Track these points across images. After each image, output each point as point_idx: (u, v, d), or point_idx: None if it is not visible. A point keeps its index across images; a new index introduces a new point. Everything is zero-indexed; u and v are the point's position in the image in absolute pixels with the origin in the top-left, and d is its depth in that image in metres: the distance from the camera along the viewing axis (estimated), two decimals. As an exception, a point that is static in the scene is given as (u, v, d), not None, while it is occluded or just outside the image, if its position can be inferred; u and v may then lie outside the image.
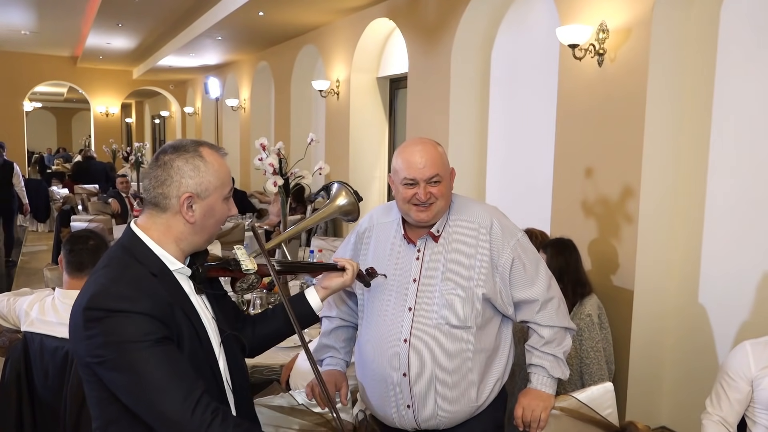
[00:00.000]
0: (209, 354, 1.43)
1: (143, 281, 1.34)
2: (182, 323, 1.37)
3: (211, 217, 1.43)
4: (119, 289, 1.30)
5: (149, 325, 1.28)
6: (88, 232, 2.60)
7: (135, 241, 1.41)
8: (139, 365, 1.25)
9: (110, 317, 1.27)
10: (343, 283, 1.71)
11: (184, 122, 15.93)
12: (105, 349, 1.27)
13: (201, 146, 1.43)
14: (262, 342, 1.69)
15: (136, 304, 1.28)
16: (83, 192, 9.79)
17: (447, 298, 1.81)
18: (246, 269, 1.51)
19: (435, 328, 1.81)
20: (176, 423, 1.25)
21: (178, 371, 1.28)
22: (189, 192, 1.39)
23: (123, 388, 1.29)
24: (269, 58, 9.47)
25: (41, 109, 23.12)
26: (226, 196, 1.45)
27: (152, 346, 1.27)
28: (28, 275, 7.39)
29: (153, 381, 1.25)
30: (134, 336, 1.26)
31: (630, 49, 3.42)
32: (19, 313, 2.47)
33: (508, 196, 4.98)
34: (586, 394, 2.01)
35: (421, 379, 1.81)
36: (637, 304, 3.44)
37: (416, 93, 5.62)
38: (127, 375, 1.26)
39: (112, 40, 10.85)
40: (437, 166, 1.82)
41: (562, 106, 3.94)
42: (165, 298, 1.34)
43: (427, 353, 1.80)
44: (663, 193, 3.46)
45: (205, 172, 1.40)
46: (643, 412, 3.51)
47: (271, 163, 3.38)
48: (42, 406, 2.36)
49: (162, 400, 1.25)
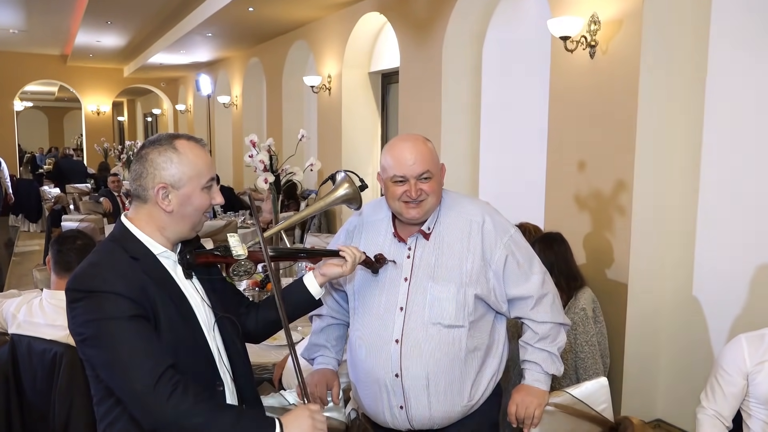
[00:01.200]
0: (198, 334, 1.48)
1: (121, 264, 1.41)
2: (160, 304, 1.42)
3: (189, 206, 1.47)
4: (96, 271, 1.39)
5: (123, 303, 1.35)
6: (75, 232, 2.57)
7: (123, 230, 1.49)
8: (112, 340, 1.32)
9: (88, 297, 1.36)
10: (341, 273, 1.69)
11: (176, 120, 15.84)
12: (84, 327, 1.36)
13: (177, 139, 1.48)
14: (266, 327, 1.72)
15: (111, 284, 1.36)
16: (75, 191, 9.73)
17: (439, 297, 1.78)
18: (237, 255, 1.53)
19: (427, 328, 1.78)
20: (139, 396, 1.30)
21: (146, 348, 1.33)
22: (162, 183, 1.45)
23: (99, 364, 1.36)
24: (260, 54, 9.42)
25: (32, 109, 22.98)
26: (204, 186, 1.49)
27: (125, 322, 1.34)
28: (20, 276, 7.34)
29: (122, 354, 1.32)
30: (108, 313, 1.34)
31: (622, 41, 3.40)
32: (6, 315, 2.44)
33: (501, 190, 4.97)
34: (581, 389, 1.99)
35: (413, 380, 1.78)
36: (632, 298, 3.43)
37: (408, 88, 5.59)
38: (101, 350, 1.34)
39: (101, 38, 10.77)
40: (427, 163, 1.79)
41: (554, 98, 3.91)
42: (141, 279, 1.41)
43: (419, 354, 1.77)
44: (656, 186, 3.44)
45: (178, 163, 1.45)
46: (638, 406, 3.50)
47: (261, 160, 3.35)
48: (31, 408, 2.33)
49: (129, 373, 1.31)
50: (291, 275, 4.03)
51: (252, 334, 1.72)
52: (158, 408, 1.29)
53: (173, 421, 1.29)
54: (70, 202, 9.04)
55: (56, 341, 2.26)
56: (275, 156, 3.45)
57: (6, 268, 7.86)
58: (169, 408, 1.29)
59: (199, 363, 1.47)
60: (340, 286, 1.97)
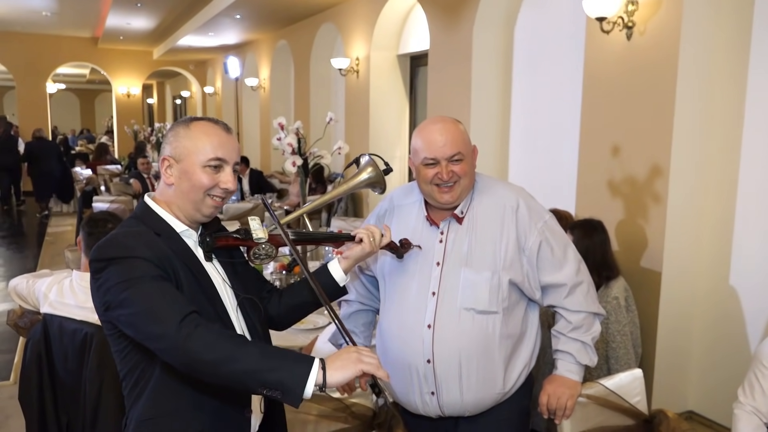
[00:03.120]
0: (222, 314, 1.48)
1: (144, 236, 1.43)
2: (182, 276, 1.43)
3: (186, 181, 1.47)
4: (119, 240, 1.40)
5: (147, 266, 1.36)
6: (106, 215, 2.57)
7: (145, 208, 1.51)
8: (139, 296, 1.32)
9: (112, 264, 1.36)
10: (362, 250, 1.64)
11: (204, 103, 15.94)
12: (111, 293, 1.35)
13: (196, 119, 1.51)
14: (289, 312, 1.69)
15: (135, 250, 1.37)
16: (106, 173, 9.88)
17: (472, 282, 1.74)
18: (257, 238, 1.53)
19: (460, 314, 1.75)
20: (165, 335, 1.28)
21: (171, 298, 1.33)
22: (165, 155, 1.49)
23: (126, 322, 1.35)
24: (288, 36, 9.38)
25: (65, 91, 23.33)
26: (204, 164, 1.46)
27: (151, 280, 1.34)
28: (53, 255, 7.49)
29: (150, 307, 1.31)
30: (133, 274, 1.34)
31: (660, 22, 3.29)
32: (38, 295, 2.47)
33: (531, 175, 4.88)
34: (614, 381, 1.95)
35: (445, 365, 1.75)
36: (665, 287, 3.35)
37: (437, 70, 5.51)
38: (127, 309, 1.33)
39: (131, 20, 10.84)
40: (458, 144, 1.75)
41: (588, 82, 3.81)
42: (165, 250, 1.42)
43: (451, 339, 1.74)
44: (693, 171, 3.34)
45: (183, 137, 1.47)
46: (670, 397, 3.44)
47: (289, 143, 3.33)
48: (62, 387, 2.36)
49: (154, 320, 1.30)
50: (318, 258, 4.03)
51: (275, 320, 1.69)
52: (183, 345, 1.26)
53: (200, 352, 1.26)
54: (101, 183, 9.18)
55: (87, 322, 2.28)
56: (303, 139, 3.43)
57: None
58: (193, 342, 1.26)
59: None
60: (370, 271, 1.94)
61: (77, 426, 2.31)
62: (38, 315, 2.48)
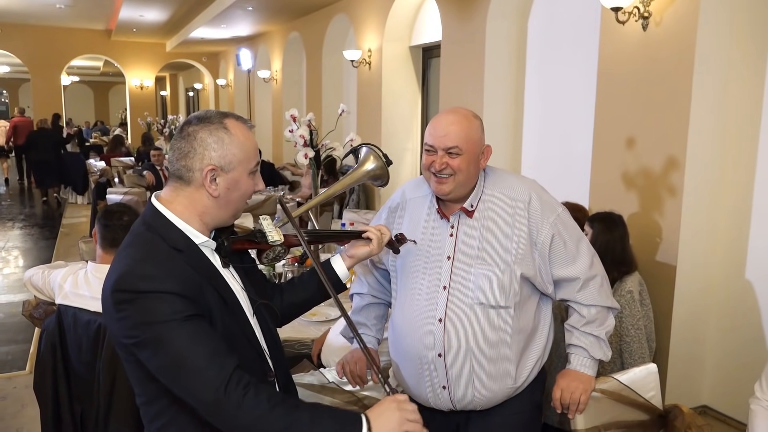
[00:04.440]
0: (244, 325, 1.42)
1: (169, 260, 1.32)
2: (211, 299, 1.35)
3: (236, 191, 1.38)
4: (144, 269, 1.28)
5: (177, 303, 1.26)
6: (122, 207, 2.57)
7: (157, 216, 1.38)
8: (170, 344, 1.24)
9: (139, 298, 1.26)
10: (369, 253, 1.64)
11: (217, 94, 15.98)
12: (137, 330, 1.26)
13: (226, 118, 1.38)
14: (290, 310, 1.67)
15: (163, 283, 1.27)
16: (119, 165, 9.93)
17: (483, 276, 1.73)
18: (272, 241, 1.48)
19: (471, 308, 1.73)
20: (210, 402, 1.23)
21: (209, 348, 1.26)
22: (212, 165, 1.34)
23: (157, 367, 1.28)
24: (300, 28, 9.37)
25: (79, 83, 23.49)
26: (251, 170, 1.40)
27: (182, 323, 1.25)
28: (68, 247, 7.55)
29: (184, 360, 1.24)
30: (163, 315, 1.25)
31: (677, 12, 3.24)
32: (53, 285, 2.49)
33: (544, 167, 4.85)
34: (629, 375, 1.93)
35: (457, 360, 1.74)
36: (680, 280, 3.31)
37: (450, 62, 5.48)
38: (159, 355, 1.26)
39: (144, 13, 10.87)
40: (459, 138, 1.72)
41: (603, 73, 3.77)
42: (192, 275, 1.32)
43: (463, 334, 1.73)
44: (709, 163, 3.30)
45: (230, 144, 1.35)
46: (684, 391, 3.41)
47: (301, 134, 3.32)
48: (76, 377, 2.38)
49: (195, 378, 1.23)
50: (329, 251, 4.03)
51: (278, 317, 1.65)
52: (233, 415, 1.22)
53: (250, 427, 1.23)
54: (114, 175, 9.23)
55: (101, 313, 2.28)
56: (315, 131, 3.42)
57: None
58: (244, 414, 1.22)
59: (249, 354, 1.40)
60: (382, 265, 1.94)
61: (91, 416, 2.32)
62: (53, 306, 2.50)
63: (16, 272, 6.59)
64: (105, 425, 2.27)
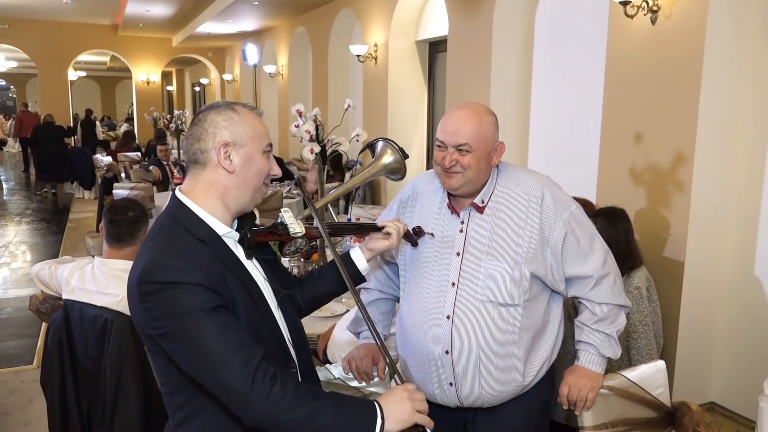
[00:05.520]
0: (268, 316, 1.44)
1: (193, 251, 1.33)
2: (236, 290, 1.36)
3: (252, 167, 1.40)
4: (169, 261, 1.30)
5: (203, 294, 1.28)
6: (128, 203, 2.57)
7: (181, 208, 1.40)
8: (197, 336, 1.26)
9: (164, 289, 1.28)
10: (389, 246, 1.66)
11: (223, 89, 15.98)
12: (163, 321, 1.28)
13: (234, 103, 1.44)
14: (310, 303, 1.69)
15: (188, 275, 1.28)
16: (126, 160, 9.95)
17: (492, 273, 1.71)
18: (294, 232, 1.49)
19: (480, 306, 1.71)
20: (237, 393, 1.25)
21: (235, 339, 1.27)
22: (224, 140, 1.38)
23: (184, 359, 1.30)
24: (306, 23, 9.35)
25: (86, 78, 23.57)
26: (264, 150, 1.43)
27: (208, 315, 1.27)
28: (75, 241, 7.58)
29: (211, 351, 1.25)
30: (189, 306, 1.26)
31: (686, 6, 3.20)
32: (60, 281, 2.49)
33: (551, 162, 4.82)
34: (637, 372, 1.91)
35: (464, 357, 1.73)
36: (688, 277, 3.29)
37: (456, 56, 5.45)
38: (186, 346, 1.28)
39: (150, 8, 10.87)
40: (468, 135, 1.70)
41: (611, 68, 3.74)
42: (216, 267, 1.34)
43: (470, 331, 1.71)
44: (718, 159, 3.27)
45: (239, 122, 1.40)
46: (691, 388, 3.39)
47: (307, 129, 3.31)
48: (83, 372, 2.38)
49: (221, 370, 1.25)
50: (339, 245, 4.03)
51: (302, 309, 1.67)
52: (259, 405, 1.24)
53: (275, 417, 1.25)
54: (121, 170, 9.25)
55: (107, 308, 2.29)
56: (321, 126, 3.40)
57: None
58: (270, 404, 1.24)
59: (273, 345, 1.42)
60: (392, 258, 1.92)
61: (98, 411, 2.33)
62: (60, 301, 2.51)
63: (23, 267, 6.62)
64: (111, 420, 2.27)
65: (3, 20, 12.91)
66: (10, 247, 7.51)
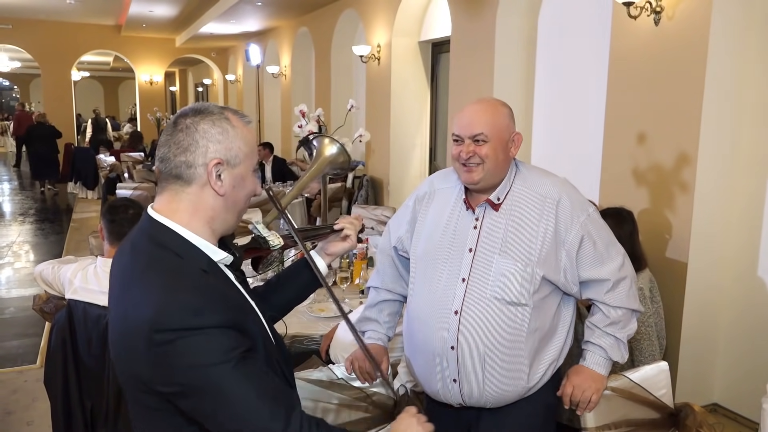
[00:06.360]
0: (267, 340, 1.29)
1: (204, 285, 1.14)
2: (253, 324, 1.22)
3: (242, 189, 1.24)
4: (184, 300, 1.09)
5: (229, 339, 1.10)
6: (126, 201, 2.58)
7: (162, 230, 1.19)
8: (228, 391, 1.08)
9: (183, 338, 1.07)
10: (349, 248, 1.58)
11: (226, 90, 16.01)
12: (183, 377, 1.08)
13: (226, 110, 1.24)
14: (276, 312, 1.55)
15: (210, 316, 1.09)
16: (129, 160, 9.97)
17: (504, 271, 1.70)
18: (273, 246, 1.40)
19: (489, 303, 1.71)
20: None
21: (271, 391, 1.13)
22: (218, 158, 1.18)
23: (206, 415, 1.12)
24: (309, 23, 9.35)
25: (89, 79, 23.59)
26: (255, 168, 1.27)
27: (238, 364, 1.09)
28: (78, 242, 7.59)
29: (247, 407, 1.09)
30: (216, 357, 1.08)
31: (690, 6, 3.20)
32: (63, 281, 2.50)
33: (554, 163, 4.81)
34: (640, 373, 1.91)
35: (469, 354, 1.72)
36: (691, 278, 3.29)
37: (459, 57, 5.45)
38: (213, 403, 1.09)
39: (154, 8, 10.89)
40: (483, 125, 1.71)
41: (614, 68, 3.74)
42: (233, 299, 1.18)
43: (477, 328, 1.71)
44: (722, 160, 3.26)
45: (234, 137, 1.21)
46: (694, 389, 3.39)
47: (310, 130, 3.32)
48: (86, 372, 2.39)
49: (260, 427, 1.11)
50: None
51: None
52: None
53: None
54: (124, 170, 9.27)
55: (110, 308, 2.29)
56: (324, 126, 3.41)
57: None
58: None
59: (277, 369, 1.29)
60: (405, 252, 1.92)
61: (101, 411, 2.33)
62: (63, 300, 2.51)
63: (26, 267, 6.64)
64: (114, 420, 2.27)
65: (7, 20, 12.94)
66: (13, 247, 7.53)
